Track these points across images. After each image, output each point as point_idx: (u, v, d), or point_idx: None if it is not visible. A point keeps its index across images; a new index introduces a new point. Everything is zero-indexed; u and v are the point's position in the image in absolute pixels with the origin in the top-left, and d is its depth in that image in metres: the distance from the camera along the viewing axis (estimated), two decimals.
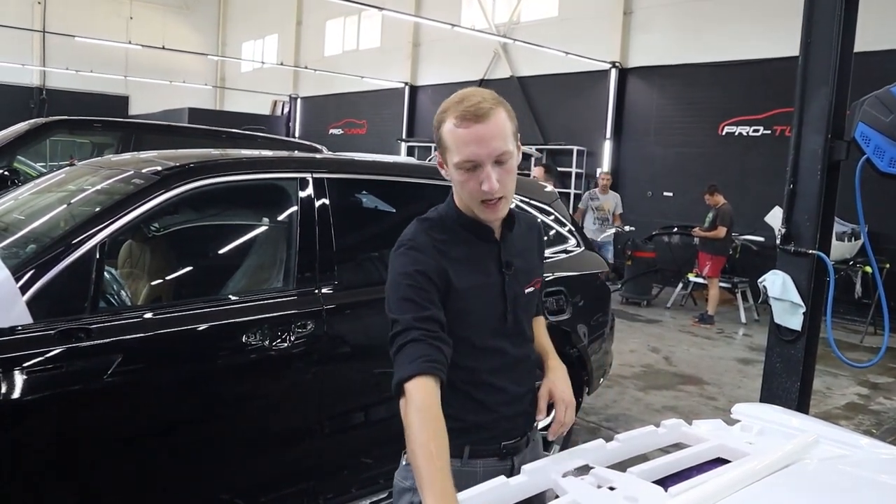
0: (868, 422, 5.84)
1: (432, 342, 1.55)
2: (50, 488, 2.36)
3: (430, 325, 1.57)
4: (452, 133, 1.62)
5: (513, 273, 1.78)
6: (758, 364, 6.64)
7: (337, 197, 3.19)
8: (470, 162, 1.61)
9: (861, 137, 3.40)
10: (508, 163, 1.64)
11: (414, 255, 1.67)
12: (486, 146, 1.60)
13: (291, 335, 2.84)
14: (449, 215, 1.77)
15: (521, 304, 1.82)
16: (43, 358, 2.28)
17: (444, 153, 1.68)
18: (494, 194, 1.63)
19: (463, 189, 1.67)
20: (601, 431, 4.95)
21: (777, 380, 3.84)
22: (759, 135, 11.54)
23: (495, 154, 1.61)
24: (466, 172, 1.63)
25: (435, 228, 1.74)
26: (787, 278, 3.72)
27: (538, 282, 1.89)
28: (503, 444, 1.80)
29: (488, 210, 1.67)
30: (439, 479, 1.37)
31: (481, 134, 1.59)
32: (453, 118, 1.62)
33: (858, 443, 1.84)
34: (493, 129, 1.60)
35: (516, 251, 1.82)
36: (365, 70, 19.70)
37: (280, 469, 2.93)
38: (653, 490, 1.46)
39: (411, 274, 1.63)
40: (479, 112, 1.59)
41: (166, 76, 23.63)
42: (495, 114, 1.61)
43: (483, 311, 1.74)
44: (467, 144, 1.60)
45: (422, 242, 1.69)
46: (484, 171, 1.61)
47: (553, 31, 14.66)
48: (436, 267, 1.65)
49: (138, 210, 2.65)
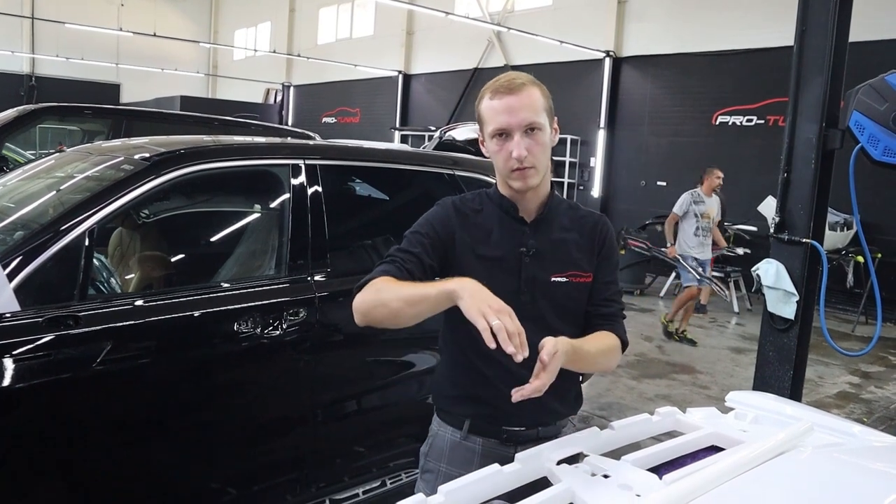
0: (859, 410, 5.87)
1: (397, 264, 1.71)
2: (39, 477, 2.34)
3: (405, 255, 1.73)
4: (488, 106, 1.74)
5: (534, 255, 1.79)
6: (750, 353, 6.67)
7: (330, 184, 3.16)
8: (501, 130, 1.72)
9: (855, 126, 3.39)
10: (539, 134, 1.73)
11: (435, 211, 1.84)
12: (516, 115, 1.70)
13: (284, 323, 2.82)
14: (492, 192, 1.88)
15: (544, 290, 1.79)
16: (31, 346, 2.26)
17: (482, 129, 1.79)
18: (523, 162, 1.71)
19: (496, 159, 1.77)
20: (594, 420, 4.95)
21: (770, 368, 3.85)
22: (752, 124, 11.54)
23: (525, 123, 1.70)
24: (499, 142, 1.73)
25: (474, 199, 1.88)
26: (781, 267, 3.72)
27: (579, 276, 1.82)
28: (504, 429, 1.80)
29: (518, 178, 1.74)
30: (423, 285, 1.63)
31: (512, 104, 1.70)
32: (489, 93, 1.75)
33: (852, 431, 1.83)
34: (525, 100, 1.71)
35: (550, 238, 1.82)
36: (358, 58, 19.61)
37: (272, 457, 2.92)
38: (647, 477, 1.45)
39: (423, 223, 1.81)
40: (511, 86, 1.71)
41: (158, 64, 23.46)
42: (528, 88, 1.72)
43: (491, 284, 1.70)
44: (499, 114, 1.71)
45: (447, 202, 1.85)
46: (513, 138, 1.71)
47: (547, 19, 14.62)
48: (444, 227, 1.79)
49: (128, 196, 2.61)
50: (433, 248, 1.76)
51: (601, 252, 1.87)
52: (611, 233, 1.91)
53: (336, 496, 3.08)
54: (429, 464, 1.92)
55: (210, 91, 27.86)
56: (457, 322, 1.78)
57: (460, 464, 1.81)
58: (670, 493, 1.29)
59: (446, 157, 3.85)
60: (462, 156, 3.94)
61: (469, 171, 3.68)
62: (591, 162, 14.12)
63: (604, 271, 1.89)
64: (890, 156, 3.30)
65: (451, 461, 1.86)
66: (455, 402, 1.87)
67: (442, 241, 1.77)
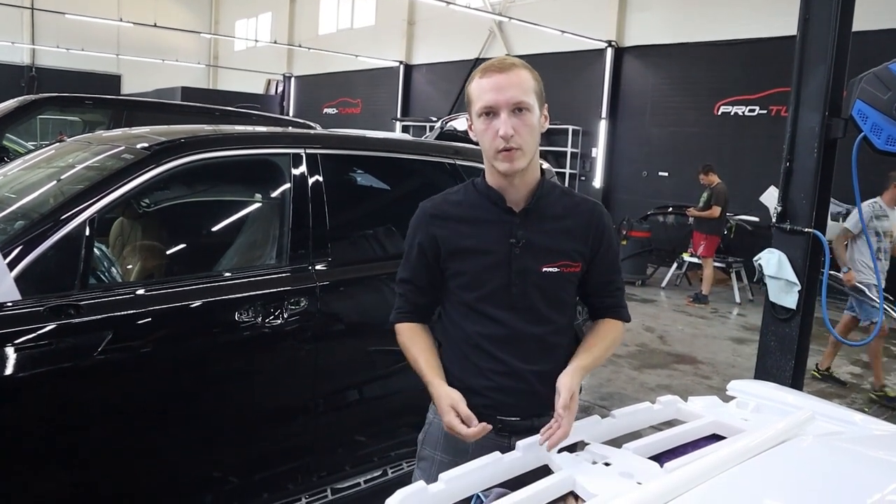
0: (861, 400, 5.88)
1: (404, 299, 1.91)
2: (41, 465, 2.34)
3: (403, 288, 1.91)
4: (477, 84, 1.72)
5: (524, 246, 1.76)
6: (752, 343, 6.66)
7: (331, 173, 3.15)
8: (488, 107, 1.69)
9: (858, 115, 3.37)
10: (527, 115, 1.69)
11: (414, 220, 1.88)
12: (504, 93, 1.67)
13: (285, 312, 2.82)
14: (477, 183, 1.86)
15: (535, 281, 1.77)
16: (32, 335, 2.26)
17: (470, 111, 1.76)
18: (509, 141, 1.68)
19: (483, 139, 1.74)
20: (596, 410, 4.96)
21: (772, 358, 3.85)
22: (754, 115, 11.51)
23: (512, 102, 1.67)
24: (485, 121, 1.71)
25: (458, 192, 1.88)
26: (783, 256, 3.71)
27: (569, 266, 1.80)
28: (500, 419, 1.79)
29: (504, 160, 1.71)
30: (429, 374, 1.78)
31: (500, 82, 1.68)
32: (479, 73, 1.73)
33: (853, 419, 1.84)
34: (513, 79, 1.69)
35: (542, 227, 1.79)
36: (360, 49, 19.55)
37: (274, 447, 2.92)
38: (648, 466, 1.45)
39: (409, 235, 1.89)
40: (501, 65, 1.70)
41: (159, 55, 23.41)
42: (517, 69, 1.71)
43: (481, 277, 1.78)
44: (486, 91, 1.69)
45: (423, 209, 1.87)
46: (500, 117, 1.68)
47: (549, 9, 14.56)
48: (424, 235, 1.84)
49: (128, 185, 2.60)
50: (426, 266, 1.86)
51: (600, 241, 1.85)
52: (606, 219, 1.88)
53: (337, 485, 3.09)
54: (424, 451, 1.93)
55: (211, 82, 27.80)
56: (453, 317, 1.86)
57: (455, 452, 1.82)
58: (671, 481, 1.29)
59: (447, 147, 3.84)
60: (463, 145, 3.93)
61: (470, 160, 3.67)
62: (593, 152, 14.10)
63: (605, 261, 1.87)
64: (893, 145, 3.29)
65: (445, 449, 1.87)
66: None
67: (427, 249, 1.84)
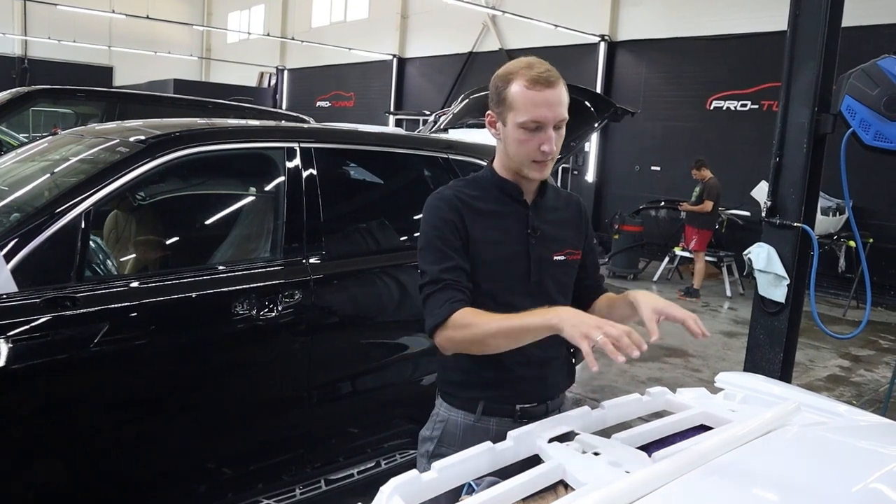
0: (849, 393, 5.93)
1: (457, 288, 1.72)
2: (36, 457, 2.36)
3: (455, 274, 1.74)
4: (523, 94, 1.72)
5: (539, 237, 1.84)
6: (742, 337, 6.71)
7: (325, 167, 3.17)
8: (536, 123, 1.72)
9: (847, 111, 3.41)
10: (562, 129, 1.78)
11: (438, 206, 1.81)
12: (553, 110, 1.72)
13: (279, 305, 2.84)
14: (485, 176, 1.89)
15: (548, 269, 1.86)
16: (28, 326, 2.27)
17: (505, 112, 1.76)
18: (550, 156, 1.75)
19: (520, 147, 1.76)
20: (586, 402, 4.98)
21: (761, 351, 3.88)
22: (746, 109, 11.56)
23: (559, 118, 1.74)
24: (529, 132, 1.73)
25: (468, 185, 1.88)
26: (772, 250, 3.75)
27: (573, 254, 1.93)
28: (518, 407, 1.84)
29: (537, 169, 1.79)
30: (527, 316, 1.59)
31: (550, 98, 1.72)
32: (524, 81, 1.72)
33: (838, 410, 1.87)
34: (561, 95, 1.74)
35: (547, 218, 1.88)
36: (353, 42, 19.51)
37: (268, 438, 2.95)
38: (637, 455, 1.48)
39: (438, 226, 1.78)
40: (550, 78, 1.72)
41: (151, 47, 23.29)
42: (561, 83, 1.75)
43: (503, 267, 1.83)
44: (538, 106, 1.71)
45: (446, 195, 1.83)
46: (546, 133, 1.73)
47: (542, 3, 14.54)
48: (457, 217, 1.79)
49: (123, 179, 2.61)
50: (463, 248, 1.78)
51: (588, 229, 2.01)
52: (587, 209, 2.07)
53: (331, 476, 3.11)
54: (441, 449, 1.89)
55: (203, 74, 27.68)
56: None
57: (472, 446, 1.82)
58: (659, 470, 1.31)
59: (441, 141, 3.85)
60: (457, 139, 3.95)
61: (463, 154, 3.69)
62: (585, 147, 14.11)
63: (591, 246, 2.04)
64: (881, 140, 3.33)
65: (464, 444, 1.83)
66: (466, 387, 1.88)
67: (462, 237, 1.79)
